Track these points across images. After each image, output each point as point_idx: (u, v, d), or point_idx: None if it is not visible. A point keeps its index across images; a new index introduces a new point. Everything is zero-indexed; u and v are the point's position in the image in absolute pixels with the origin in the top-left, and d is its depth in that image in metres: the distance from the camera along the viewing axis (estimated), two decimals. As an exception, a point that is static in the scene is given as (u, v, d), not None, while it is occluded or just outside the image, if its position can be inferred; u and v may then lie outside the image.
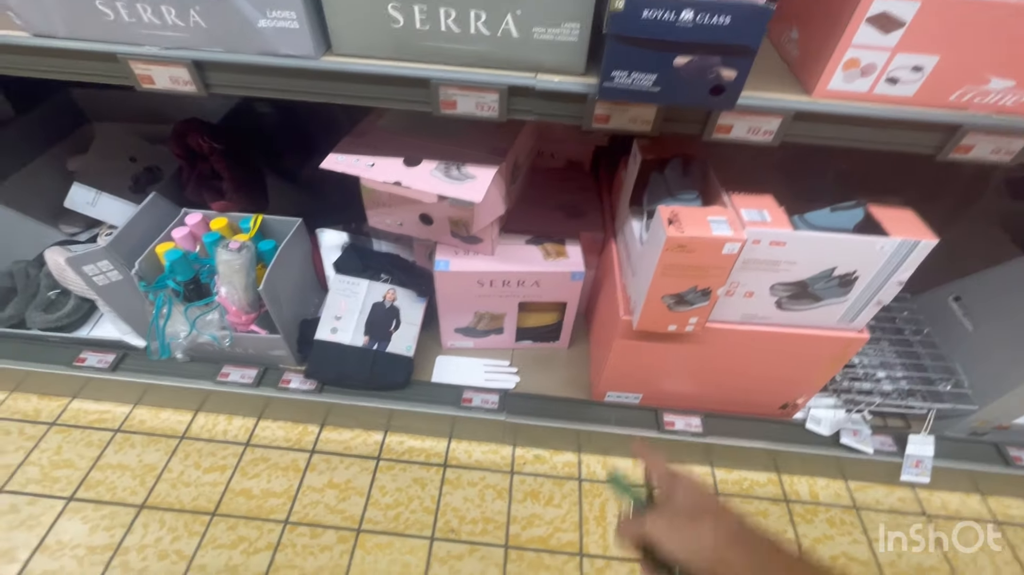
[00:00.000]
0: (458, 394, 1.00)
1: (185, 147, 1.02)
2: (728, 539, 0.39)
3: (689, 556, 0.40)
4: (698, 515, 0.41)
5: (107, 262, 0.87)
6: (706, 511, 0.41)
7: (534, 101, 0.61)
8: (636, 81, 0.54)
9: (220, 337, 0.92)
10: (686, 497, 0.43)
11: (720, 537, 0.39)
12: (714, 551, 0.39)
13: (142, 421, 1.06)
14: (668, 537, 0.41)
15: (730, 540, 0.39)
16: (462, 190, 0.72)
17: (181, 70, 0.62)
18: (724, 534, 0.39)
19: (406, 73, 0.59)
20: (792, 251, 0.71)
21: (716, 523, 0.40)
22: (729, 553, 0.38)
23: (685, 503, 0.43)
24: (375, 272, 1.05)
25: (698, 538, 0.40)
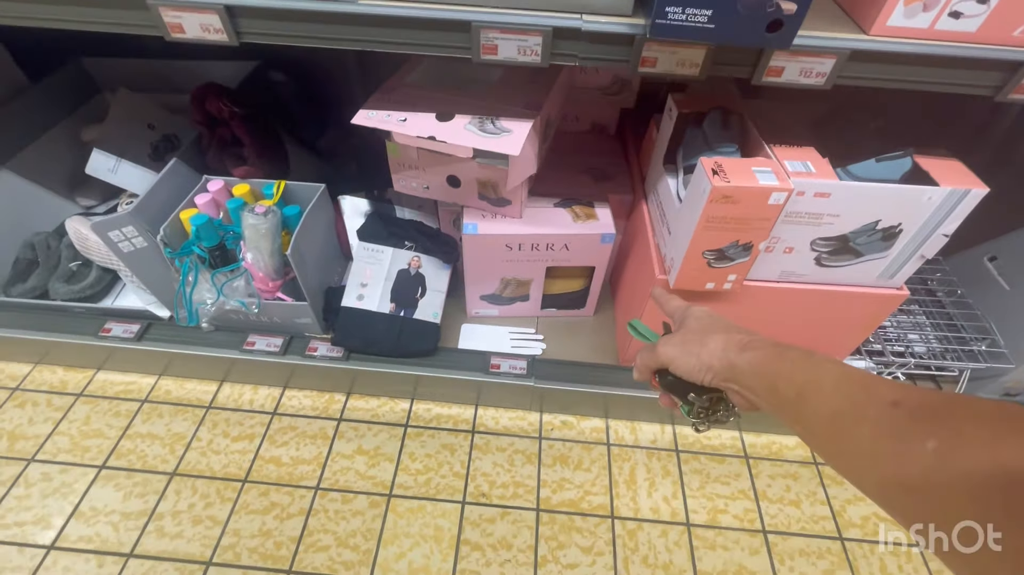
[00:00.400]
0: (486, 360, 1.00)
1: (204, 112, 0.99)
2: (737, 346, 0.38)
3: (696, 367, 0.40)
4: (708, 332, 0.41)
5: (132, 228, 0.86)
6: (716, 329, 0.42)
7: (579, 44, 0.59)
8: (691, 17, 0.52)
9: (248, 303, 0.91)
10: (697, 321, 0.44)
11: (730, 346, 0.39)
12: (723, 359, 0.38)
13: (168, 392, 1.06)
14: (679, 354, 0.41)
15: (739, 347, 0.38)
16: (498, 143, 0.70)
17: (212, 17, 0.60)
18: (734, 344, 0.39)
19: (447, 16, 0.57)
20: (836, 203, 0.69)
21: (726, 336, 0.40)
22: (738, 358, 0.38)
23: (696, 326, 0.43)
24: (399, 239, 1.04)
25: (707, 350, 0.40)
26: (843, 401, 0.31)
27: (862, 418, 0.30)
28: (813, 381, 0.33)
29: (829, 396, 0.32)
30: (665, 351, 0.43)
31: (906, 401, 0.28)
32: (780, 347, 0.37)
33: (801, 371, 0.34)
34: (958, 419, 0.26)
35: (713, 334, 0.41)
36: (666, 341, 0.43)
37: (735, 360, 0.38)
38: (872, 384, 0.31)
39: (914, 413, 0.28)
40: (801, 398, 0.33)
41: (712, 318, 0.44)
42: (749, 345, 0.38)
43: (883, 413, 0.29)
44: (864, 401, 0.30)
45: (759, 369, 0.37)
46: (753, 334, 0.41)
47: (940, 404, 0.27)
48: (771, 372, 0.36)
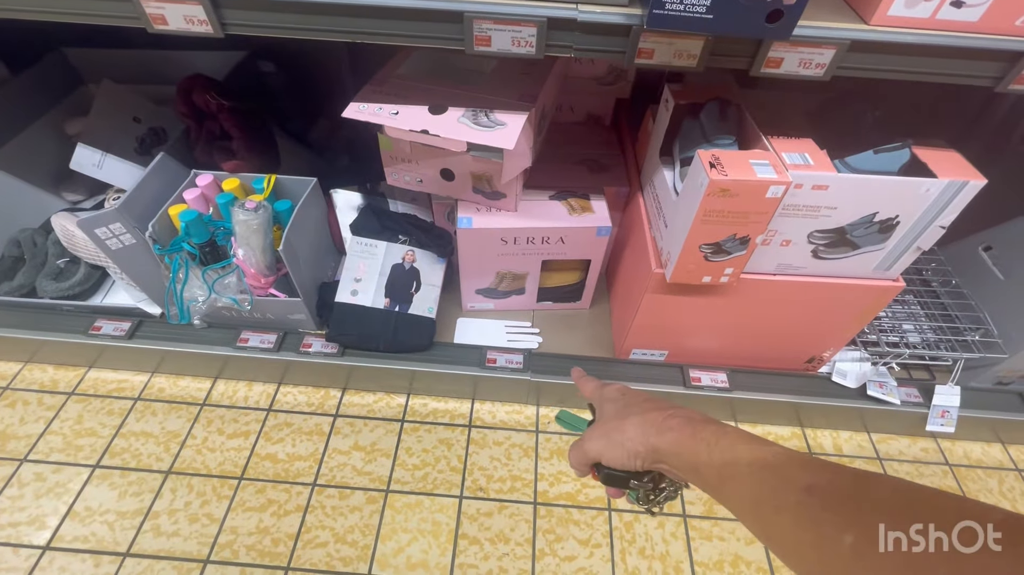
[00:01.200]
0: (482, 354, 0.99)
1: (191, 105, 0.97)
2: (655, 428, 0.38)
3: (624, 457, 0.40)
4: (625, 416, 0.41)
5: (120, 224, 0.84)
6: (631, 411, 0.41)
7: (574, 35, 0.57)
8: (688, 7, 0.50)
9: (240, 300, 0.90)
10: (613, 405, 0.43)
11: (648, 428, 0.39)
12: (645, 443, 0.38)
13: (161, 389, 1.05)
14: (604, 446, 0.41)
15: (657, 429, 0.38)
16: (492, 137, 0.69)
17: (196, 7, 0.58)
18: (651, 425, 0.39)
19: (439, 6, 0.56)
20: (834, 195, 0.68)
21: (642, 419, 0.40)
22: (659, 440, 0.38)
23: (613, 411, 0.43)
24: (393, 233, 1.02)
25: (628, 437, 0.39)
26: (761, 488, 0.32)
27: (781, 506, 0.30)
28: (730, 466, 0.34)
29: (747, 483, 0.32)
30: (591, 446, 0.42)
31: (818, 486, 0.29)
32: (694, 424, 0.37)
33: (718, 454, 0.34)
34: (869, 511, 0.26)
35: (630, 417, 0.41)
36: (590, 435, 0.43)
37: (656, 443, 0.38)
38: (786, 467, 0.31)
39: (828, 501, 0.28)
40: (722, 484, 0.34)
41: (625, 398, 0.44)
42: (665, 425, 0.38)
43: (800, 501, 0.29)
44: (780, 487, 0.30)
45: (679, 451, 0.37)
46: (666, 407, 0.40)
47: (852, 490, 0.28)
48: (690, 455, 0.36)
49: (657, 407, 0.41)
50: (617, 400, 0.43)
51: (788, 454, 0.32)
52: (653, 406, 0.41)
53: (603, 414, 0.44)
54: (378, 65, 0.83)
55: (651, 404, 0.41)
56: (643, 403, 0.42)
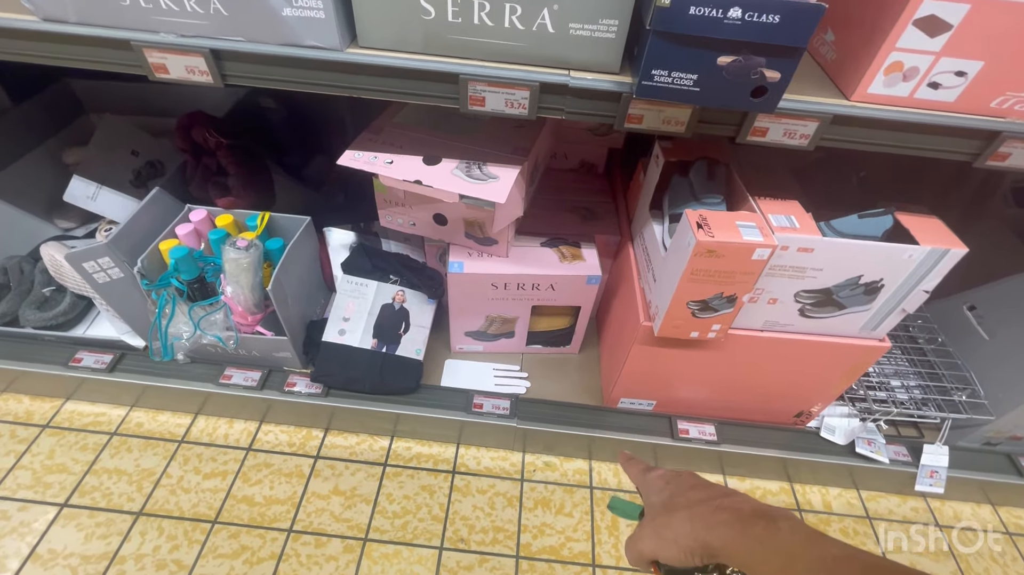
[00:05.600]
0: (468, 399, 0.98)
1: (190, 141, 0.98)
2: (703, 524, 0.38)
3: (679, 554, 0.38)
4: (672, 510, 0.40)
5: (108, 259, 0.84)
6: (677, 504, 0.40)
7: (566, 99, 0.59)
8: (677, 80, 0.52)
9: (225, 338, 0.89)
10: (658, 496, 0.42)
11: (697, 525, 0.38)
12: (695, 541, 0.37)
13: (139, 424, 1.02)
14: (658, 546, 0.40)
15: (705, 525, 0.37)
16: (485, 190, 0.70)
17: (198, 59, 0.59)
18: (699, 521, 0.38)
19: (435, 68, 0.57)
20: (819, 258, 0.69)
21: (689, 513, 0.39)
22: (710, 537, 0.37)
23: (659, 503, 0.42)
24: (384, 273, 1.02)
25: (677, 534, 0.38)
26: None
27: None
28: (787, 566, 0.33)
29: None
30: (645, 546, 0.41)
31: None
32: (744, 520, 0.36)
33: (773, 555, 0.34)
34: None
35: (677, 511, 0.40)
36: (641, 532, 0.42)
37: (708, 540, 0.37)
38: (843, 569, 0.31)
39: None
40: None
41: (670, 488, 0.42)
42: (713, 520, 0.37)
43: None
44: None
45: (731, 550, 0.36)
46: (714, 497, 0.39)
47: None
48: (745, 554, 0.35)
49: (705, 498, 0.39)
50: (662, 491, 0.42)
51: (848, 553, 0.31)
52: (699, 497, 0.40)
53: (650, 507, 0.43)
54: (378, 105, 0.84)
55: (697, 495, 0.40)
56: (688, 493, 0.40)
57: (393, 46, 0.58)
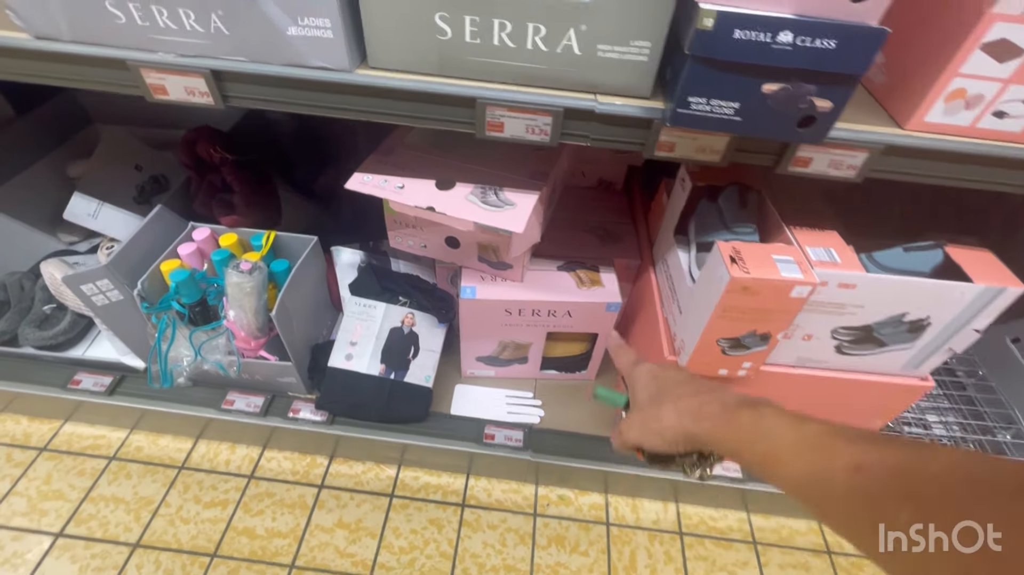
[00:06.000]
0: (480, 429, 0.94)
1: (194, 156, 0.95)
2: (690, 417, 0.39)
3: (663, 445, 0.41)
4: (659, 404, 0.41)
5: (107, 281, 0.81)
6: (665, 398, 0.42)
7: (591, 125, 0.54)
8: (715, 109, 0.47)
9: (227, 364, 0.85)
10: (645, 390, 0.44)
11: (683, 417, 0.39)
12: (681, 431, 0.39)
13: (139, 448, 0.99)
14: (643, 436, 0.42)
15: (692, 417, 0.39)
16: (501, 218, 0.66)
17: (197, 80, 0.55)
18: (686, 414, 0.39)
19: (450, 91, 0.53)
20: (861, 294, 0.64)
21: (676, 407, 0.40)
22: (695, 429, 0.38)
23: (646, 397, 0.43)
24: (393, 294, 0.98)
25: (665, 426, 0.40)
26: (804, 471, 0.31)
27: (828, 488, 0.29)
28: (772, 451, 0.33)
29: (790, 467, 0.32)
30: (631, 436, 0.43)
31: (867, 465, 0.28)
32: (729, 412, 0.37)
33: (759, 441, 0.34)
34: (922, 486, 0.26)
35: (664, 405, 0.41)
36: (628, 424, 0.44)
37: (693, 431, 0.38)
38: (829, 445, 0.31)
39: (879, 481, 0.27)
40: (765, 465, 0.34)
41: (657, 383, 0.44)
42: (701, 413, 0.39)
43: (848, 482, 0.28)
44: (826, 469, 0.30)
45: (717, 439, 0.37)
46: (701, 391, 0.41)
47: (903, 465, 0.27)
48: (730, 443, 0.36)
49: (692, 392, 0.41)
50: (649, 385, 0.44)
51: (831, 431, 0.31)
52: (687, 391, 0.41)
53: (636, 400, 0.44)
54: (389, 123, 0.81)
55: (684, 389, 0.41)
56: (676, 388, 0.42)
57: (405, 67, 0.54)
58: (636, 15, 0.47)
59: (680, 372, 0.44)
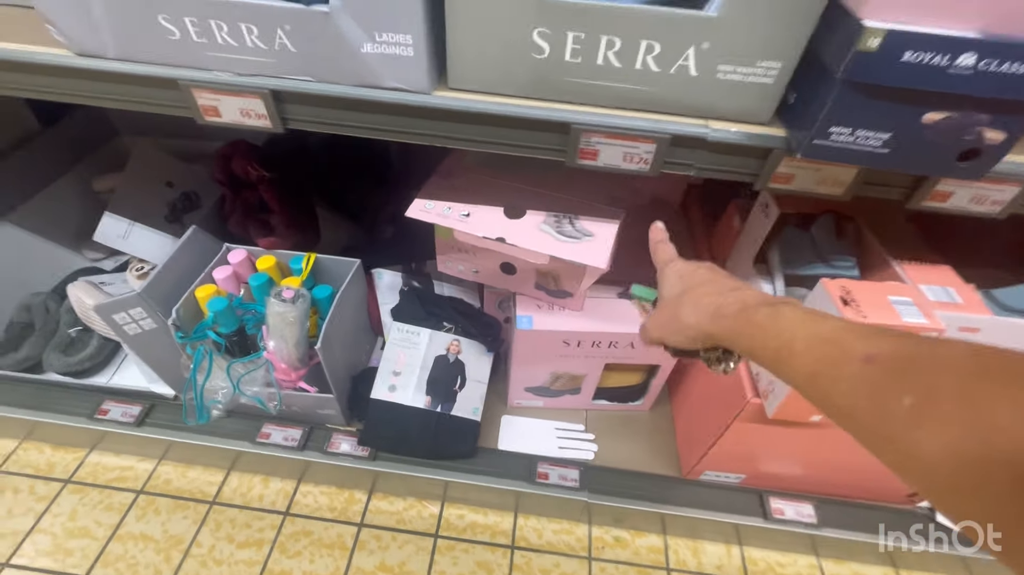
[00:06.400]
0: (531, 466, 0.87)
1: (229, 173, 0.90)
2: (708, 317, 0.39)
3: (684, 342, 0.41)
4: (680, 304, 0.41)
5: (141, 309, 0.75)
6: (685, 300, 0.41)
7: (699, 154, 0.48)
8: (860, 140, 0.41)
9: (266, 398, 0.80)
10: (672, 288, 0.44)
11: (702, 317, 0.39)
12: (700, 331, 0.39)
13: (168, 481, 0.93)
14: (665, 335, 0.43)
15: (710, 317, 0.39)
16: (580, 251, 0.60)
17: (255, 101, 0.50)
18: (704, 314, 0.39)
19: (542, 115, 0.47)
20: (983, 338, 0.57)
21: (695, 306, 0.40)
22: (713, 328, 0.38)
23: (671, 294, 0.43)
24: (437, 320, 0.93)
25: (685, 325, 0.40)
26: (817, 363, 0.30)
27: (837, 378, 0.29)
28: (785, 346, 0.32)
29: (803, 359, 0.31)
30: (654, 334, 0.44)
31: (880, 355, 0.27)
32: (748, 311, 0.36)
33: (774, 337, 0.34)
34: (933, 372, 0.25)
35: (684, 307, 0.41)
36: (652, 320, 0.45)
37: (710, 330, 0.38)
38: (843, 339, 0.30)
39: (888, 368, 0.27)
40: (778, 361, 0.33)
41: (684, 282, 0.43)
42: (719, 313, 0.38)
43: (857, 371, 0.28)
44: (838, 359, 0.29)
45: (733, 338, 0.37)
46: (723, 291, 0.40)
47: (914, 354, 0.26)
48: (746, 340, 0.36)
49: (714, 291, 0.40)
50: (676, 285, 0.43)
51: (847, 326, 0.31)
52: (710, 291, 0.40)
53: (662, 297, 0.45)
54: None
55: (707, 288, 0.41)
56: (699, 288, 0.41)
57: (490, 88, 0.48)
58: (769, 32, 0.41)
59: (709, 272, 0.43)
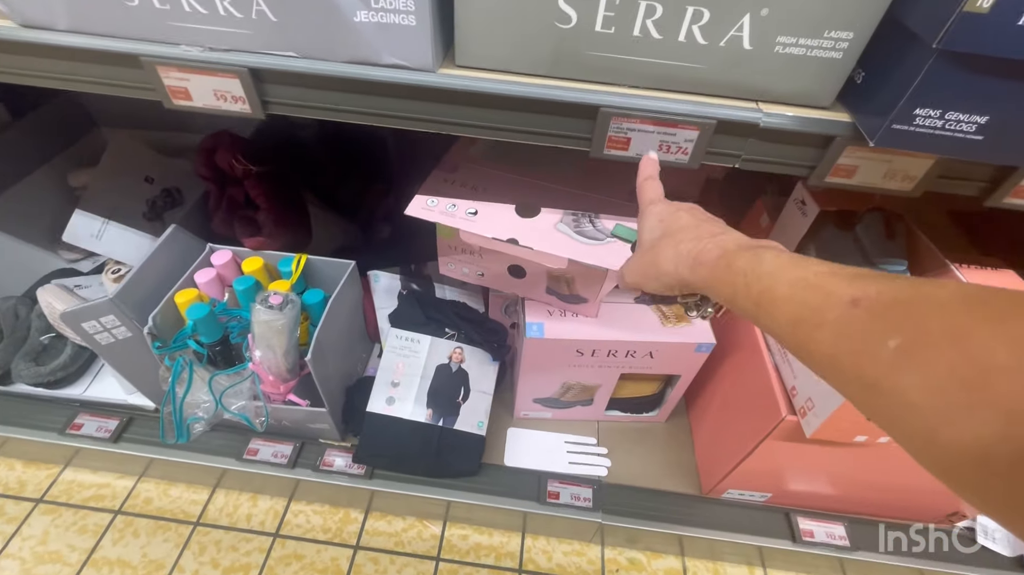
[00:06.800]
0: (540, 484, 0.81)
1: (213, 167, 0.82)
2: (687, 264, 0.37)
3: (661, 289, 0.40)
4: (659, 247, 0.39)
5: (113, 317, 0.68)
6: (663, 244, 0.39)
7: (748, 143, 0.42)
8: (950, 124, 0.34)
9: (252, 414, 0.73)
10: (651, 232, 0.41)
11: (680, 263, 0.37)
12: (677, 277, 0.38)
13: (148, 500, 0.87)
14: (642, 280, 0.41)
15: (689, 264, 0.36)
16: (604, 255, 0.53)
17: (231, 81, 0.43)
18: (683, 261, 0.37)
19: (568, 97, 0.40)
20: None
21: (675, 252, 0.38)
22: (691, 276, 0.36)
23: (649, 238, 0.41)
24: (439, 326, 0.86)
25: (660, 271, 0.39)
26: (800, 308, 0.29)
27: (821, 323, 0.27)
28: (767, 291, 0.31)
29: (785, 304, 0.29)
30: (631, 279, 0.42)
31: (865, 297, 0.26)
32: (728, 256, 0.34)
33: (755, 284, 0.31)
34: (920, 313, 0.23)
35: (663, 252, 0.39)
36: (629, 265, 0.42)
37: (688, 279, 0.37)
38: (828, 283, 0.28)
39: (874, 310, 0.25)
40: (759, 308, 0.31)
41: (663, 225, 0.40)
42: (698, 260, 0.36)
43: (842, 315, 0.26)
44: (822, 304, 0.27)
45: (713, 286, 0.35)
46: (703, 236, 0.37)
47: (901, 296, 0.25)
48: (725, 288, 0.34)
49: (693, 238, 0.37)
50: (655, 228, 0.41)
51: (832, 269, 0.29)
52: (688, 236, 0.38)
53: (641, 241, 0.42)
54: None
55: (686, 235, 0.38)
56: (678, 234, 0.39)
57: (505, 66, 0.41)
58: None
59: (689, 216, 0.40)
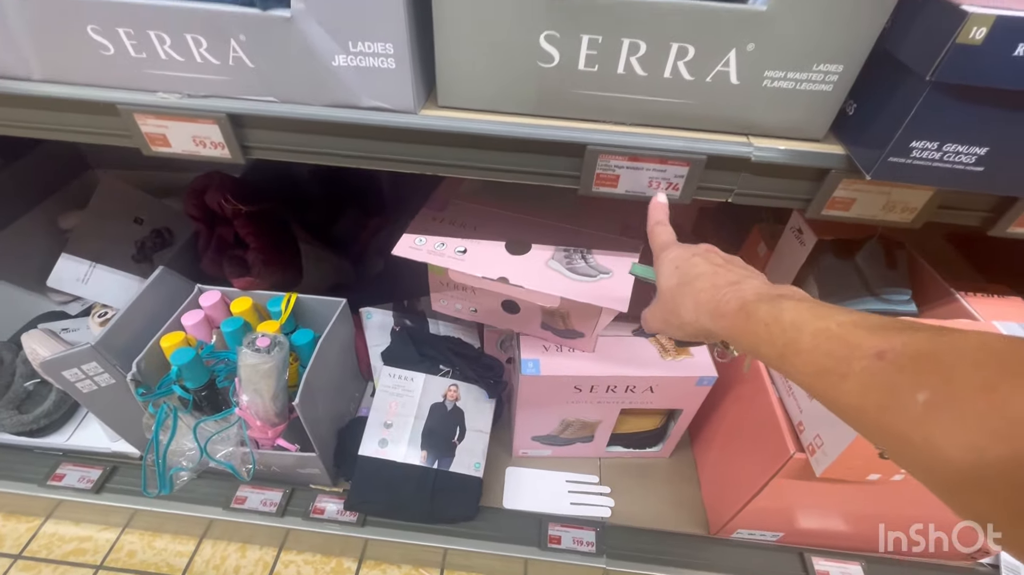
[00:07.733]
0: (541, 528, 0.77)
1: (203, 207, 0.82)
2: (708, 314, 0.37)
3: (688, 337, 0.40)
4: (678, 298, 0.39)
5: (95, 364, 0.66)
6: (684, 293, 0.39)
7: (740, 177, 0.40)
8: (949, 156, 0.33)
9: (239, 462, 0.70)
10: (668, 279, 0.41)
11: (701, 314, 0.37)
12: (700, 328, 0.38)
13: (131, 553, 0.83)
14: (665, 328, 0.41)
15: (710, 315, 0.36)
16: (597, 292, 0.51)
17: (209, 127, 0.42)
18: (704, 311, 0.37)
19: (554, 136, 0.39)
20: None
21: (695, 301, 0.38)
22: (714, 326, 0.36)
23: (666, 289, 0.41)
24: (432, 362, 0.84)
25: (684, 321, 0.39)
26: (825, 359, 0.28)
27: (846, 374, 0.27)
28: (791, 343, 0.31)
29: (809, 355, 0.29)
30: (654, 327, 0.43)
31: (891, 350, 0.25)
32: (748, 308, 0.34)
33: (779, 335, 0.32)
34: (948, 366, 0.23)
35: (682, 302, 0.39)
36: (651, 313, 0.43)
37: (711, 328, 0.37)
38: (852, 335, 0.28)
39: (901, 363, 0.25)
40: (783, 360, 0.31)
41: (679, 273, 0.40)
42: (718, 311, 0.36)
43: (868, 367, 0.26)
44: (847, 355, 0.27)
45: (734, 336, 0.35)
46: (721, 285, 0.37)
47: (926, 348, 0.25)
48: (748, 339, 0.34)
49: (711, 286, 0.37)
50: (671, 276, 0.41)
51: (854, 319, 0.29)
52: (706, 285, 0.38)
53: (660, 289, 0.42)
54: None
55: (703, 283, 0.38)
56: (695, 282, 0.39)
57: (487, 105, 0.40)
58: (830, 29, 0.33)
59: (705, 263, 0.40)
